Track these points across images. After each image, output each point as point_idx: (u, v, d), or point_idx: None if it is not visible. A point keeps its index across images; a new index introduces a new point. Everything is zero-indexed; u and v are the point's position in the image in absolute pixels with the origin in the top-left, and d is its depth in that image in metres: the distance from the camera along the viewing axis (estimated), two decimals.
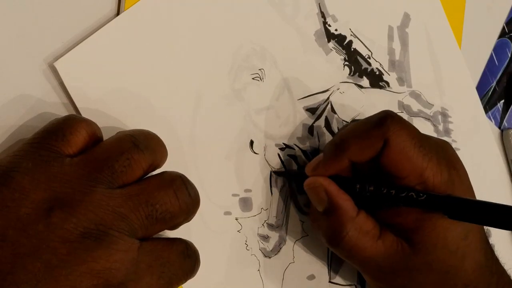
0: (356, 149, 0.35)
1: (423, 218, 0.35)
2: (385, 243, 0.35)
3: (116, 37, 0.35)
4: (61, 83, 0.33)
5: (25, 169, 0.27)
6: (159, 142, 0.31)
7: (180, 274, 0.30)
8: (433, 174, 0.34)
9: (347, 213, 0.35)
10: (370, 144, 0.35)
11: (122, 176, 0.29)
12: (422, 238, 0.35)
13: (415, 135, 0.35)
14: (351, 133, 0.36)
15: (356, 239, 0.35)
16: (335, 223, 0.35)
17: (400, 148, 0.34)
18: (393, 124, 0.35)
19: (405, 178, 0.35)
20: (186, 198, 0.30)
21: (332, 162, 0.36)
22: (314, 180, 0.37)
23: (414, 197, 0.34)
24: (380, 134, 0.35)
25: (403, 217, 0.35)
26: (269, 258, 0.39)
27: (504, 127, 0.54)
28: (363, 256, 0.35)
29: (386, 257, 0.35)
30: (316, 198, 0.37)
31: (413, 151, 0.34)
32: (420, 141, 0.35)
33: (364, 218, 0.35)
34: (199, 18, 0.38)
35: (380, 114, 0.36)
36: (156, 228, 0.29)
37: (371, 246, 0.35)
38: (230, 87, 0.39)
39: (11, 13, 0.32)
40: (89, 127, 0.30)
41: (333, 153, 0.36)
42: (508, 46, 0.54)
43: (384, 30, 0.46)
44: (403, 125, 0.35)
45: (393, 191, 0.35)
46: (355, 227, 0.35)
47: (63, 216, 0.26)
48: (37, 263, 0.25)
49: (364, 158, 0.35)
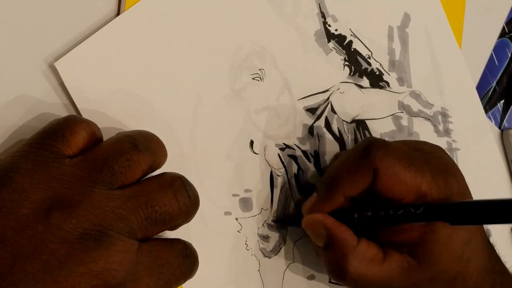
0: (348, 185, 0.35)
1: (425, 230, 0.34)
2: (391, 264, 0.35)
3: (116, 37, 0.35)
4: (61, 83, 0.33)
5: (24, 170, 0.27)
6: (159, 143, 0.31)
7: (179, 274, 0.30)
8: (429, 188, 0.34)
9: (347, 244, 0.35)
10: (360, 177, 0.35)
11: (122, 177, 0.29)
12: (427, 250, 0.34)
13: (402, 155, 0.35)
14: (339, 170, 0.36)
15: (360, 269, 0.34)
16: (337, 256, 0.35)
17: (390, 174, 0.34)
18: (378, 152, 0.34)
19: (403, 199, 0.35)
20: (186, 199, 0.30)
21: (327, 201, 0.36)
22: (311, 217, 0.36)
23: (412, 211, 0.34)
24: (368, 165, 0.34)
25: (405, 234, 0.35)
26: (269, 258, 0.39)
27: (504, 127, 0.54)
28: (371, 283, 0.35)
29: (394, 277, 0.35)
30: (315, 234, 0.36)
31: (404, 173, 0.34)
32: (409, 160, 0.35)
33: (366, 246, 0.35)
34: (199, 19, 0.38)
35: (364, 144, 0.35)
36: (156, 229, 0.29)
37: (377, 272, 0.34)
38: (230, 87, 0.39)
39: (11, 13, 0.32)
40: (89, 127, 0.30)
41: (326, 193, 0.36)
42: (508, 46, 0.54)
43: (384, 30, 0.46)
44: (388, 149, 0.35)
45: (391, 211, 0.34)
46: (358, 256, 0.34)
47: (63, 217, 0.26)
48: (36, 264, 0.25)
49: (357, 192, 0.35)
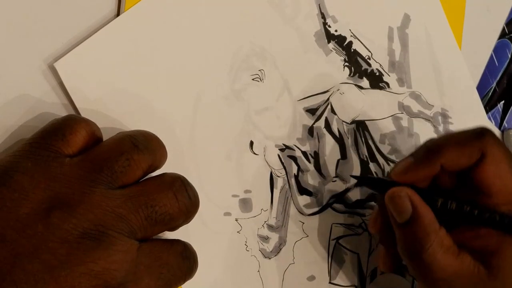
0: (452, 155, 0.34)
1: (504, 241, 0.34)
2: (464, 263, 0.34)
3: (116, 38, 0.35)
4: (60, 83, 0.33)
5: (24, 169, 0.27)
6: (159, 142, 0.31)
7: (179, 275, 0.30)
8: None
9: (431, 224, 0.34)
10: (468, 152, 0.34)
11: (122, 176, 0.29)
12: (501, 263, 0.33)
13: (511, 155, 0.35)
14: (447, 140, 0.35)
15: (437, 253, 0.33)
16: (418, 234, 0.34)
17: (496, 163, 0.34)
18: (492, 139, 0.34)
19: (494, 195, 0.34)
20: (186, 200, 0.30)
21: (424, 166, 0.35)
22: (399, 190, 0.35)
23: (497, 219, 0.33)
24: (479, 145, 0.34)
25: (482, 240, 0.34)
26: (269, 259, 0.39)
27: (505, 127, 0.53)
28: (441, 273, 0.33)
29: (463, 278, 0.34)
30: (398, 208, 0.35)
31: (507, 170, 0.34)
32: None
33: (445, 234, 0.34)
34: (199, 19, 0.38)
35: (478, 128, 0.35)
36: (156, 229, 0.29)
37: (451, 264, 0.33)
38: (230, 87, 0.39)
39: (11, 13, 0.32)
40: (88, 127, 0.30)
41: (426, 156, 0.35)
42: (508, 47, 0.54)
43: (384, 31, 0.46)
44: (501, 143, 0.35)
45: (476, 210, 0.34)
46: (438, 240, 0.33)
47: (63, 216, 0.26)
48: (36, 264, 0.25)
49: (458, 167, 0.35)
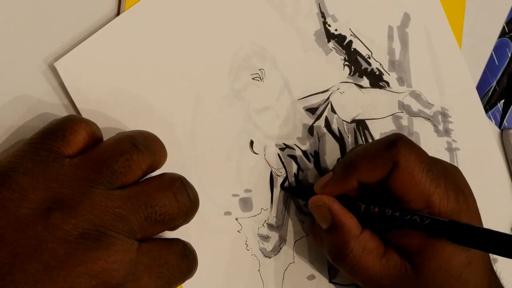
0: (365, 170, 0.36)
1: (427, 242, 0.35)
2: (389, 262, 0.35)
3: (116, 37, 0.35)
4: (61, 83, 0.33)
5: (24, 169, 0.27)
6: (159, 143, 0.31)
7: (178, 274, 0.30)
8: (439, 200, 0.34)
9: (350, 231, 0.36)
10: (379, 165, 0.35)
11: (122, 177, 0.29)
12: (425, 262, 0.35)
13: (424, 159, 0.35)
14: (361, 154, 0.36)
15: (359, 257, 0.35)
16: (339, 241, 0.36)
17: (408, 171, 0.34)
18: (403, 147, 0.35)
19: (411, 201, 0.35)
20: (186, 200, 0.30)
21: (341, 181, 0.37)
22: (318, 199, 0.37)
23: (418, 220, 0.34)
24: (390, 156, 0.35)
25: (407, 239, 0.35)
26: (269, 258, 0.39)
27: (504, 127, 0.53)
28: (366, 273, 0.35)
29: (389, 276, 0.35)
30: (319, 216, 0.37)
31: (421, 176, 0.34)
32: (429, 166, 0.35)
33: (368, 237, 0.36)
34: (199, 19, 0.38)
35: (390, 137, 0.36)
36: (155, 229, 0.29)
37: (374, 265, 0.35)
38: (230, 87, 0.39)
39: (11, 13, 0.32)
40: (89, 127, 0.30)
41: (342, 173, 0.37)
42: (508, 46, 0.54)
43: (384, 30, 0.46)
44: (413, 148, 0.35)
45: (397, 213, 0.35)
46: (359, 245, 0.35)
47: (62, 217, 0.26)
48: (36, 264, 0.25)
49: (373, 180, 0.36)
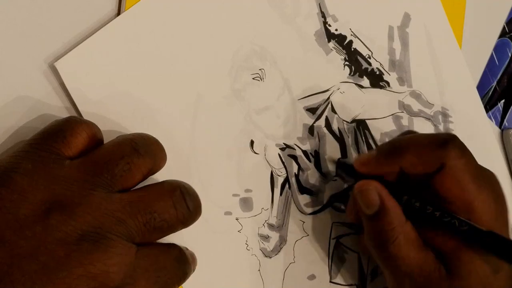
0: (411, 160, 0.35)
1: (462, 246, 0.34)
2: (427, 258, 0.35)
3: (116, 37, 0.35)
4: (61, 83, 0.33)
5: (24, 170, 0.27)
6: (159, 146, 0.31)
7: (175, 279, 0.30)
8: (481, 208, 0.34)
9: (398, 218, 0.35)
10: (426, 162, 0.34)
11: (122, 180, 0.29)
12: (458, 266, 0.34)
13: (473, 167, 0.35)
14: (412, 143, 0.36)
15: (403, 246, 0.34)
16: (385, 227, 0.35)
17: (455, 177, 0.34)
18: (454, 151, 0.34)
19: (452, 203, 0.34)
20: (185, 210, 0.30)
21: (384, 162, 0.36)
22: (367, 183, 0.36)
23: (457, 225, 0.33)
24: (439, 156, 0.34)
25: (441, 240, 0.35)
26: (269, 258, 0.39)
27: (505, 126, 0.53)
28: (406, 264, 0.34)
29: (424, 272, 0.34)
30: (366, 200, 0.36)
31: (467, 183, 0.34)
32: (477, 172, 0.34)
33: (411, 227, 0.35)
34: (200, 19, 0.38)
35: (444, 136, 0.35)
36: (154, 236, 0.29)
37: (414, 257, 0.34)
38: (230, 87, 0.39)
39: (11, 13, 0.32)
40: (89, 129, 0.30)
41: (388, 154, 0.36)
42: (509, 46, 0.54)
43: (384, 30, 0.46)
44: (464, 153, 0.35)
45: (438, 213, 0.34)
46: (404, 233, 0.34)
47: (62, 218, 0.26)
48: (34, 265, 0.25)
49: (416, 172, 0.35)
